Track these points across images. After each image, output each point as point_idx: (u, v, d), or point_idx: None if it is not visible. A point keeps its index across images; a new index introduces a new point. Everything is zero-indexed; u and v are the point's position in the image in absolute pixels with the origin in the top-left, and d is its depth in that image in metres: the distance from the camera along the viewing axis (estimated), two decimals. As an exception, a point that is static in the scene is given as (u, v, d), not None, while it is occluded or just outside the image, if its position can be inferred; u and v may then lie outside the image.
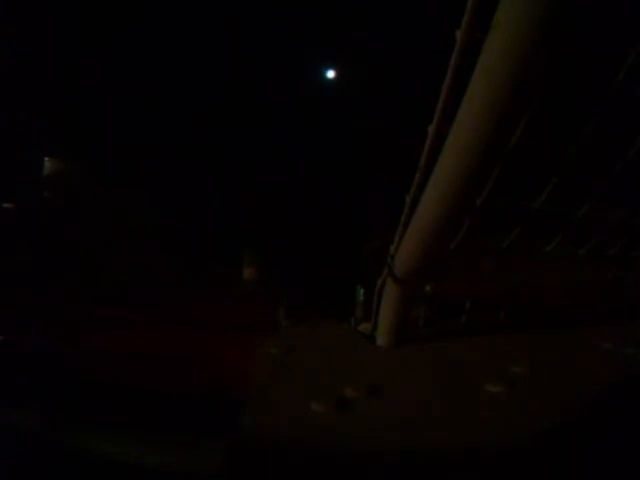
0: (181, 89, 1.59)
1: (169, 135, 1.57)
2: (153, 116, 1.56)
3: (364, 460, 0.44)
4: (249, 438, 0.47)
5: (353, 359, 0.71)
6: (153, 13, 1.49)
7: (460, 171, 0.52)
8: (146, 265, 1.31)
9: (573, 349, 0.74)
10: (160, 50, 1.54)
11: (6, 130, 1.47)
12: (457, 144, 0.51)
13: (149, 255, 1.38)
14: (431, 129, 0.53)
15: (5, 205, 1.44)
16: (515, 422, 0.49)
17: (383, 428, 0.49)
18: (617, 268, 0.85)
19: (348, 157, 1.58)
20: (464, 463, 0.43)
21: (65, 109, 1.55)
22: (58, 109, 1.54)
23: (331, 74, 1.77)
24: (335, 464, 0.43)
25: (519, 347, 0.75)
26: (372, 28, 1.53)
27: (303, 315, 0.93)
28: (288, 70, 1.64)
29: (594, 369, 0.65)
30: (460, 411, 0.53)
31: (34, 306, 0.96)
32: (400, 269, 0.68)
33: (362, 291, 0.88)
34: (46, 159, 1.56)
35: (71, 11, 1.48)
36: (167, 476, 0.47)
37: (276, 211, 1.50)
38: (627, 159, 0.59)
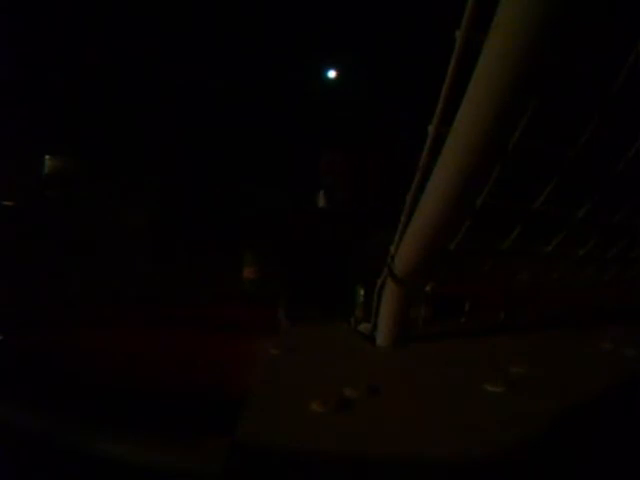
0: (181, 89, 1.59)
1: (169, 135, 1.58)
2: (153, 116, 1.56)
3: (364, 460, 0.44)
4: (249, 438, 0.47)
5: (353, 359, 0.71)
6: (153, 13, 1.50)
7: (460, 171, 0.52)
8: (146, 265, 1.31)
9: (573, 349, 0.74)
10: (160, 50, 1.54)
11: (6, 129, 1.47)
12: (457, 144, 0.51)
13: (149, 255, 1.38)
14: (431, 129, 0.53)
15: (5, 203, 1.44)
16: (515, 422, 0.49)
17: (383, 428, 0.49)
18: (617, 268, 0.84)
19: (348, 157, 1.58)
20: (464, 463, 0.43)
21: (65, 109, 1.55)
22: (58, 109, 1.54)
23: (332, 74, 1.77)
24: (335, 464, 0.43)
25: (519, 347, 0.75)
26: (373, 28, 1.53)
27: (303, 315, 0.93)
28: (289, 70, 1.64)
29: (594, 369, 0.65)
30: (460, 411, 0.53)
31: (34, 306, 0.96)
32: (400, 269, 0.68)
33: (362, 291, 0.88)
34: (47, 157, 1.56)
35: (71, 11, 1.48)
36: (167, 476, 0.47)
37: (276, 211, 1.50)
38: (627, 159, 0.59)
